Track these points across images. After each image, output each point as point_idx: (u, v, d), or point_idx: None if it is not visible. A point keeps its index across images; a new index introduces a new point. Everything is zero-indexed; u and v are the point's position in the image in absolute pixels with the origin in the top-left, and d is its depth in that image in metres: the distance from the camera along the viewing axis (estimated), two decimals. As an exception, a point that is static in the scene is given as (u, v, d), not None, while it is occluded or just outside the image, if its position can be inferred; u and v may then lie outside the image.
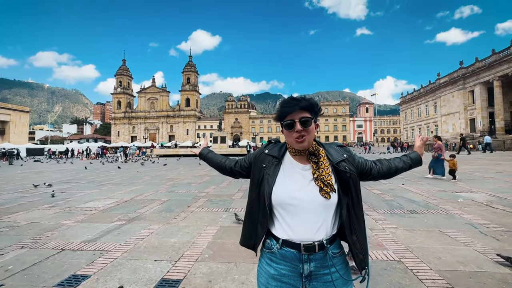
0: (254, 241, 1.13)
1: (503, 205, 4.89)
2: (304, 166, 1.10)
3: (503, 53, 30.99)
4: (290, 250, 1.05)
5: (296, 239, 1.04)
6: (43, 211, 5.17)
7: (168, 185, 8.42)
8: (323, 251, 1.04)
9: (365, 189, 7.01)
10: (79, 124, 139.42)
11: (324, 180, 1.04)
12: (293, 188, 1.06)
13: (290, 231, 1.05)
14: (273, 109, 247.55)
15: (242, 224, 1.28)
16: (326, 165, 1.07)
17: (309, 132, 1.06)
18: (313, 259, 1.04)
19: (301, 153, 1.10)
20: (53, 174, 13.11)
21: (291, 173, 1.10)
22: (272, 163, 1.12)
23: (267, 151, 1.17)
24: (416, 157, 1.30)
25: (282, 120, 1.09)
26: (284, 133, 1.11)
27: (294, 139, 1.06)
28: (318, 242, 1.03)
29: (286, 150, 1.16)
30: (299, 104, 1.05)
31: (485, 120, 34.55)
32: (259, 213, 1.11)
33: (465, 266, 2.58)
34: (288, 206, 1.05)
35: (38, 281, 2.44)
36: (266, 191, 1.08)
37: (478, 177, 8.58)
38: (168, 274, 2.55)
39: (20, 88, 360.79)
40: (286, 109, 1.07)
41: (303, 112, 1.06)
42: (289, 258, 1.05)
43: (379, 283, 2.31)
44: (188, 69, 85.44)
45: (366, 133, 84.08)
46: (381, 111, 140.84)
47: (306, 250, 1.03)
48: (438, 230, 3.63)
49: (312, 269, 1.04)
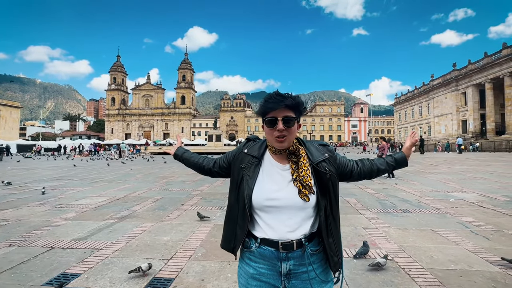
0: (234, 244, 1.11)
1: (494, 205, 4.98)
2: (283, 166, 1.07)
3: (495, 56, 31.58)
4: (269, 248, 1.03)
5: (274, 238, 1.03)
6: (32, 209, 5.06)
7: (162, 183, 8.35)
8: (301, 249, 1.03)
9: (359, 188, 7.06)
10: (72, 120, 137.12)
11: (303, 181, 1.02)
12: (272, 189, 1.04)
13: (268, 231, 1.04)
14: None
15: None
16: (306, 165, 1.05)
17: (291, 132, 1.03)
18: (291, 257, 1.02)
19: (281, 152, 1.07)
20: (43, 171, 12.87)
21: (270, 173, 1.07)
22: (251, 164, 1.09)
23: (246, 150, 1.13)
24: (401, 158, 1.24)
25: (264, 116, 1.05)
26: (264, 130, 1.07)
27: (274, 137, 1.03)
28: (297, 240, 1.02)
29: (265, 149, 1.13)
30: (284, 102, 1.01)
31: (476, 121, 35.20)
32: (238, 216, 1.08)
33: (456, 265, 2.61)
34: (266, 208, 1.03)
35: (25, 280, 2.38)
36: (246, 193, 1.05)
37: (470, 178, 8.73)
38: (161, 272, 2.51)
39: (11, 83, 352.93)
40: (270, 105, 1.02)
41: (287, 111, 1.02)
42: (268, 257, 1.04)
43: (371, 282, 2.32)
44: (184, 66, 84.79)
45: (361, 133, 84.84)
46: (375, 111, 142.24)
47: (284, 248, 1.02)
48: (430, 229, 3.67)
49: (291, 268, 1.03)
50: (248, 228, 1.07)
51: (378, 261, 2.52)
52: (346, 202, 5.46)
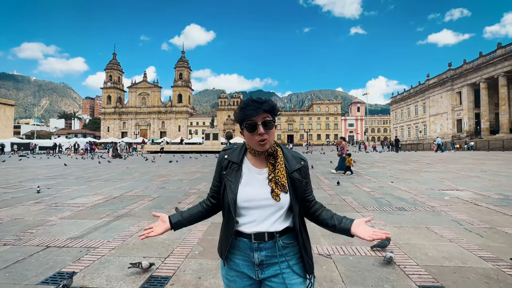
0: (222, 251, 1.16)
1: (487, 203, 5.06)
2: (260, 170, 1.12)
3: (490, 56, 31.92)
4: (243, 239, 1.10)
5: (248, 231, 1.09)
6: (27, 207, 5.01)
7: (158, 182, 8.32)
8: (272, 240, 1.07)
9: (355, 186, 7.11)
10: (67, 118, 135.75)
11: (279, 181, 1.08)
12: (249, 192, 1.09)
13: (243, 226, 1.10)
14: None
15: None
16: (282, 166, 1.10)
17: (271, 134, 1.08)
18: (263, 248, 1.07)
19: (260, 154, 1.12)
20: (38, 170, 12.73)
21: (248, 177, 1.12)
22: (232, 169, 1.13)
23: (227, 156, 1.17)
24: (346, 228, 1.10)
25: (243, 123, 1.08)
26: (245, 136, 1.11)
27: (256, 142, 1.07)
28: (268, 232, 1.08)
29: (244, 153, 1.17)
30: (261, 107, 1.05)
31: (471, 121, 35.61)
32: (228, 222, 1.13)
33: (450, 262, 2.65)
34: (243, 210, 1.09)
35: (20, 279, 2.36)
36: (230, 198, 1.09)
37: (464, 176, 8.84)
38: (157, 271, 2.51)
39: (5, 80, 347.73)
40: (248, 112, 1.05)
41: (265, 115, 1.06)
42: (242, 248, 1.10)
43: (367, 279, 2.35)
44: (181, 64, 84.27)
45: (357, 132, 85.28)
46: (372, 110, 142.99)
47: (256, 238, 1.08)
48: (425, 227, 3.71)
49: (263, 258, 1.08)
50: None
51: (390, 255, 2.61)
52: (343, 200, 5.50)
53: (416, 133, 48.68)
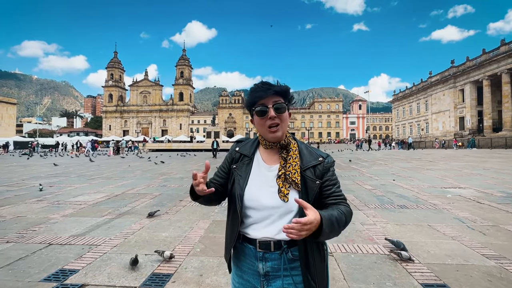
0: (226, 253, 1.07)
1: (490, 201, 5.03)
2: (269, 167, 1.02)
3: (493, 53, 31.63)
4: (248, 245, 1.00)
5: (253, 236, 0.98)
6: (30, 205, 5.04)
7: (160, 180, 8.34)
8: (279, 251, 0.95)
9: (357, 184, 7.09)
10: (69, 117, 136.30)
11: (289, 177, 0.95)
12: (254, 190, 0.99)
13: (249, 229, 1.00)
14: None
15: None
16: (295, 161, 0.98)
17: (283, 120, 0.98)
18: (269, 259, 0.96)
19: (272, 146, 1.02)
20: (40, 168, 12.79)
21: (256, 173, 1.02)
22: (243, 163, 1.04)
23: (238, 148, 1.09)
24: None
25: (253, 106, 1.00)
26: (255, 122, 1.02)
27: (266, 128, 0.98)
28: (275, 241, 0.95)
29: (257, 147, 1.08)
30: (272, 88, 0.97)
31: (474, 118, 35.38)
32: (233, 221, 1.03)
33: (453, 259, 2.64)
34: (248, 209, 0.99)
35: (23, 276, 2.38)
36: (238, 193, 1.00)
37: (467, 174, 8.79)
38: (159, 268, 2.52)
39: (7, 79, 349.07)
40: (258, 94, 0.97)
41: (276, 97, 0.98)
42: (247, 255, 1.00)
43: (369, 276, 2.34)
44: (182, 62, 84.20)
45: (359, 130, 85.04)
46: (374, 108, 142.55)
47: (261, 247, 0.96)
48: (427, 225, 3.70)
49: (269, 270, 0.96)
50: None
51: (402, 253, 2.59)
52: (344, 198, 5.48)
53: (418, 130, 48.47)
